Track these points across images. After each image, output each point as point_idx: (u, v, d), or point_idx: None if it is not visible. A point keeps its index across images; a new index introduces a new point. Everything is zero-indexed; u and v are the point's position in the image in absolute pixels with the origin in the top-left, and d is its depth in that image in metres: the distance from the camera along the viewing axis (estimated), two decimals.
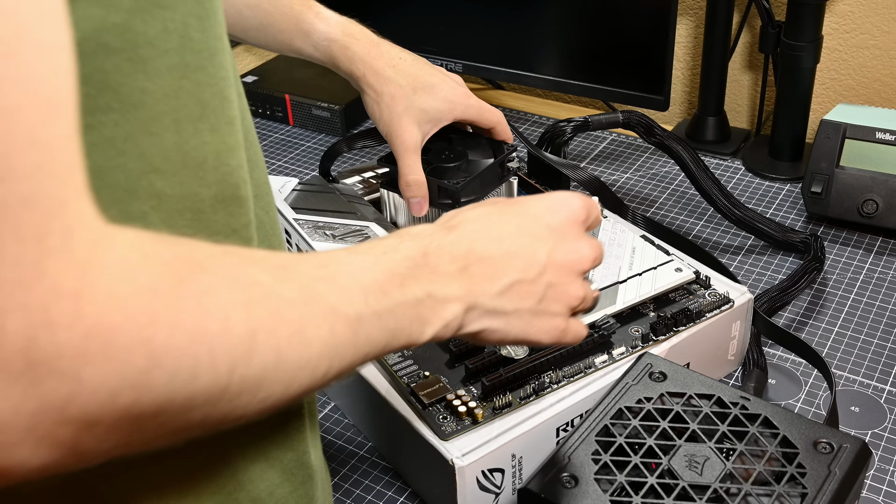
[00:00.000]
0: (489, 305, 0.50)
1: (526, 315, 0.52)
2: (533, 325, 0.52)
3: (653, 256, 0.79)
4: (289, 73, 1.34)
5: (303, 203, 0.87)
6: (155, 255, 0.34)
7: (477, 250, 0.50)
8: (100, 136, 0.38)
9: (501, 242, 0.51)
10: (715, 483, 0.54)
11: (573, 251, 0.53)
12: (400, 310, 0.45)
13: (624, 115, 0.91)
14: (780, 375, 0.81)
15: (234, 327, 0.36)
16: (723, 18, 1.10)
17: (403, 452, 0.72)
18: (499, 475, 0.65)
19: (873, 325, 0.86)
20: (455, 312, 0.48)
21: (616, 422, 0.60)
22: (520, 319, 0.51)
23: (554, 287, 0.52)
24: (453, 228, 0.50)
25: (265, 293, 0.38)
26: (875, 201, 0.94)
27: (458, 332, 0.49)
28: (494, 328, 0.51)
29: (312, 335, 0.40)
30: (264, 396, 0.38)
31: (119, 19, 0.37)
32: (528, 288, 0.51)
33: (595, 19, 1.09)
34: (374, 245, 0.47)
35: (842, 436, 0.58)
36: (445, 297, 0.47)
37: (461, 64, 1.20)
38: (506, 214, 0.53)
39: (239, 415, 0.38)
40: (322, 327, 0.40)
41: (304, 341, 0.39)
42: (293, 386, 0.39)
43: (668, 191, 1.09)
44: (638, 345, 0.72)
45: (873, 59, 1.12)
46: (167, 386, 0.33)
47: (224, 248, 0.39)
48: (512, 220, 0.53)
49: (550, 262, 0.52)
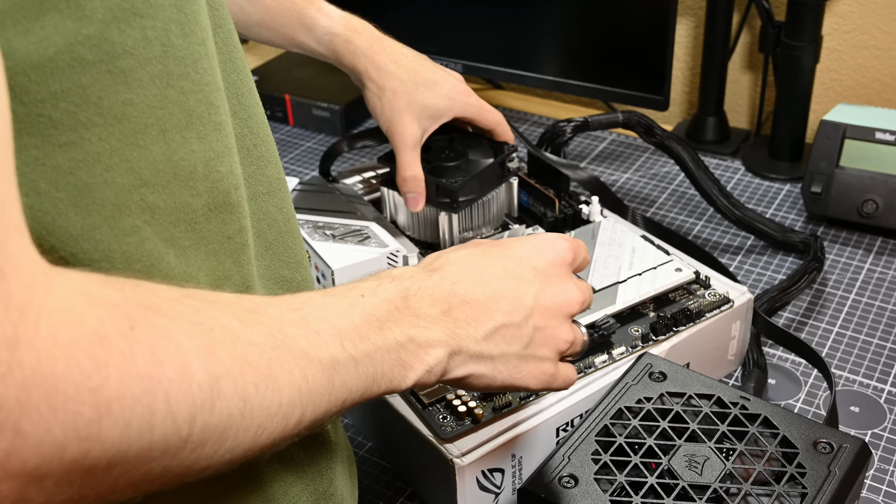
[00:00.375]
0: (474, 350, 0.48)
1: (513, 360, 0.50)
2: (520, 369, 0.51)
3: (653, 256, 0.79)
4: (289, 73, 1.34)
5: (303, 203, 0.87)
6: (103, 298, 0.32)
7: (460, 293, 0.48)
8: (83, 152, 0.37)
9: (486, 285, 0.49)
10: (715, 483, 0.54)
11: (560, 294, 0.52)
12: (379, 354, 0.43)
13: (624, 115, 0.91)
14: (780, 375, 0.81)
15: (194, 373, 0.34)
16: (723, 18, 1.10)
17: (403, 452, 0.72)
18: (499, 475, 0.65)
19: (873, 325, 0.86)
20: (438, 357, 0.46)
21: (616, 422, 0.60)
22: (506, 364, 0.50)
23: (541, 331, 0.51)
24: (435, 271, 0.49)
25: (230, 337, 0.36)
26: (875, 201, 0.94)
27: (442, 377, 0.48)
28: (481, 373, 0.49)
29: (283, 381, 0.38)
30: (231, 446, 0.36)
31: (93, 31, 0.36)
32: (515, 332, 0.50)
33: (595, 19, 1.09)
34: (351, 287, 0.45)
35: (842, 436, 0.58)
36: (428, 341, 0.46)
37: (461, 64, 1.20)
38: (490, 256, 0.51)
39: (203, 465, 0.36)
40: (294, 373, 0.39)
41: (273, 388, 0.37)
42: (263, 435, 0.38)
43: (668, 191, 1.09)
44: (638, 345, 0.72)
45: (873, 59, 1.12)
46: (120, 437, 0.31)
47: (185, 291, 0.37)
48: (497, 261, 0.51)
49: (537, 305, 0.51)
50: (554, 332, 0.52)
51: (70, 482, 0.31)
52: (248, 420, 0.36)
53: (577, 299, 0.53)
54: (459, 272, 0.49)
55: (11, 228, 0.30)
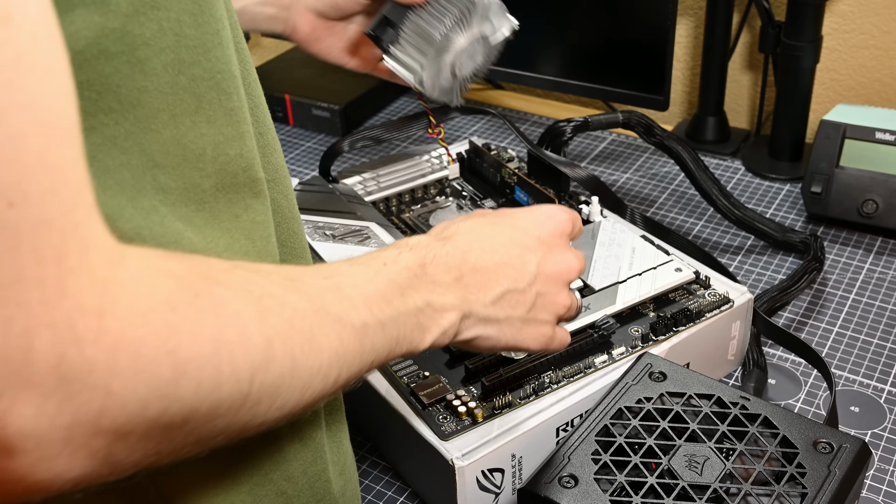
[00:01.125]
0: (483, 314, 0.52)
1: (517, 323, 0.54)
2: (523, 332, 0.54)
3: (652, 256, 0.79)
4: (289, 73, 1.34)
5: (303, 203, 0.87)
6: (168, 270, 0.35)
7: (470, 261, 0.52)
8: (102, 136, 0.39)
9: (494, 253, 0.53)
10: (715, 483, 0.54)
11: (560, 262, 0.56)
12: (402, 318, 0.47)
13: (624, 115, 0.91)
14: (780, 375, 0.81)
15: (252, 336, 0.37)
16: (723, 18, 1.10)
17: (403, 452, 0.72)
18: (499, 475, 0.65)
19: (873, 325, 0.86)
20: (452, 320, 0.50)
21: (616, 422, 0.60)
22: (511, 327, 0.54)
23: (543, 296, 0.55)
24: (447, 239, 0.52)
25: (277, 303, 0.40)
26: (875, 201, 0.94)
27: (454, 339, 0.52)
28: (487, 335, 0.53)
29: (323, 343, 0.41)
30: (281, 403, 0.40)
31: (118, 24, 0.38)
32: (519, 297, 0.53)
33: (595, 19, 1.09)
34: (374, 256, 0.49)
35: (842, 436, 0.58)
36: (443, 305, 0.49)
37: None
38: (497, 226, 0.55)
39: (259, 422, 0.39)
40: (331, 336, 0.42)
41: (315, 349, 0.41)
42: (307, 393, 0.41)
43: (668, 191, 1.09)
44: (638, 345, 0.72)
45: (873, 59, 1.12)
46: (193, 395, 0.34)
47: (233, 263, 0.40)
48: (503, 231, 0.54)
49: (540, 272, 0.54)
50: (554, 298, 0.55)
51: (150, 438, 0.34)
52: (296, 379, 0.40)
53: (576, 267, 0.57)
54: (469, 241, 0.53)
55: (91, 209, 0.32)
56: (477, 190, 0.95)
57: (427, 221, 0.90)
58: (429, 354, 0.72)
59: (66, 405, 0.31)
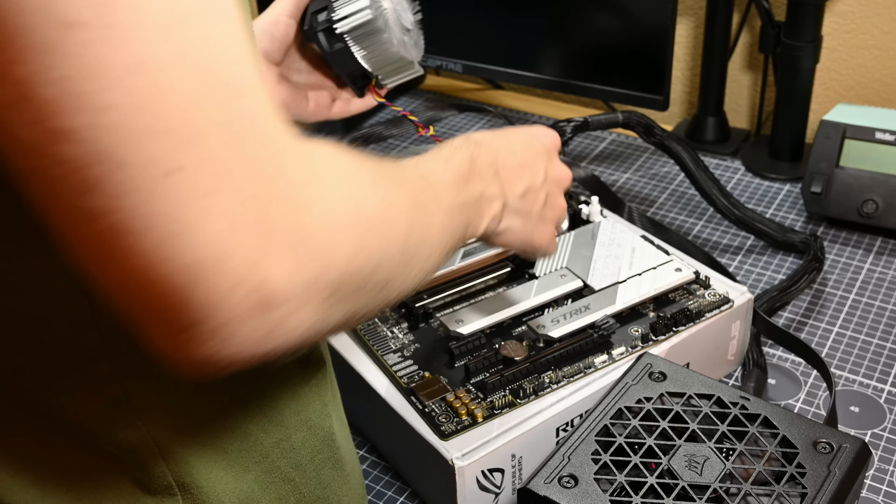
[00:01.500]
0: (515, 205, 0.59)
1: (534, 219, 0.61)
2: (538, 228, 0.62)
3: (652, 256, 0.79)
4: None
5: None
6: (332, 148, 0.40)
7: (501, 160, 0.58)
8: None
9: (516, 154, 0.60)
10: (715, 483, 0.54)
11: (559, 168, 0.65)
12: (470, 203, 0.53)
13: (624, 115, 0.91)
14: (780, 375, 0.81)
15: (400, 204, 0.43)
16: (723, 18, 1.10)
17: (403, 452, 0.72)
18: (499, 475, 0.65)
19: (873, 325, 0.86)
20: (497, 208, 0.57)
21: (616, 422, 0.59)
22: (530, 221, 0.61)
23: (550, 196, 0.63)
24: (479, 143, 0.58)
25: (404, 180, 0.46)
26: (875, 201, 0.94)
27: (497, 226, 0.58)
28: (515, 227, 0.60)
29: (434, 219, 0.47)
30: (418, 269, 0.45)
31: None
32: (536, 195, 0.61)
33: (595, 19, 1.09)
34: (435, 154, 0.54)
35: (841, 436, 0.58)
36: (492, 195, 0.56)
37: (461, 64, 1.20)
38: (509, 135, 0.62)
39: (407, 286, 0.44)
40: (436, 212, 0.48)
41: (430, 222, 0.47)
42: (428, 265, 0.46)
43: (668, 191, 1.09)
44: (638, 345, 0.72)
45: (873, 59, 1.12)
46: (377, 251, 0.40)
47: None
48: (516, 137, 0.62)
49: (548, 175, 0.62)
50: (556, 199, 0.64)
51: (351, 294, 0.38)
52: (426, 247, 0.46)
53: (570, 175, 0.66)
54: (496, 144, 0.59)
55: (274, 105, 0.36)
56: None
57: None
58: (429, 354, 0.72)
59: (302, 265, 0.35)
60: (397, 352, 0.73)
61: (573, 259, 0.80)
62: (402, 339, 0.74)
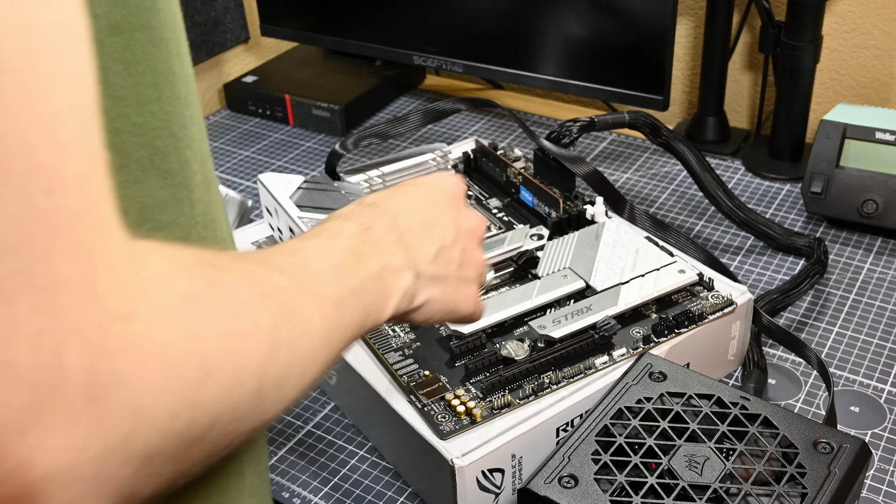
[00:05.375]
0: (429, 272, 0.51)
1: (454, 282, 0.54)
2: (459, 292, 0.54)
3: (656, 258, 0.79)
4: (289, 73, 1.34)
5: (307, 201, 0.87)
6: (180, 260, 0.33)
7: (403, 221, 0.51)
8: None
9: (419, 213, 0.53)
10: (715, 483, 0.54)
11: (471, 218, 0.57)
12: (367, 285, 0.46)
13: (630, 115, 0.91)
14: (780, 375, 0.81)
15: (261, 324, 0.35)
16: (723, 18, 1.10)
17: (403, 452, 0.72)
18: (499, 475, 0.65)
19: (873, 325, 0.86)
20: (408, 280, 0.49)
21: (616, 422, 0.60)
22: (449, 286, 0.53)
23: (465, 253, 0.55)
24: (374, 206, 0.52)
25: (271, 286, 0.37)
26: (875, 201, 0.94)
27: (411, 303, 0.50)
28: (435, 297, 0.52)
29: (312, 324, 0.39)
30: (285, 395, 0.37)
31: None
32: (450, 254, 0.53)
33: (595, 19, 1.09)
34: (320, 230, 0.48)
35: (842, 436, 0.58)
36: (397, 265, 0.49)
37: (461, 64, 1.20)
38: (409, 190, 0.55)
39: (263, 421, 0.36)
40: (316, 315, 0.40)
41: (307, 330, 0.39)
42: (305, 379, 0.39)
43: (668, 190, 1.09)
44: (639, 346, 0.72)
45: (873, 59, 1.12)
46: (217, 399, 0.32)
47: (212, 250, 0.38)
48: (416, 191, 0.55)
49: (458, 228, 0.55)
50: (473, 255, 0.56)
51: (174, 457, 0.31)
52: (297, 365, 0.38)
53: (483, 224, 0.58)
54: (394, 205, 0.52)
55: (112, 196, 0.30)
56: (483, 189, 0.95)
57: None
58: (429, 353, 0.72)
59: (96, 431, 0.27)
60: (398, 350, 0.73)
61: (576, 259, 0.80)
62: (404, 337, 0.74)
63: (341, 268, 0.44)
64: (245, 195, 1.10)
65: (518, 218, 0.89)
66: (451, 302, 0.54)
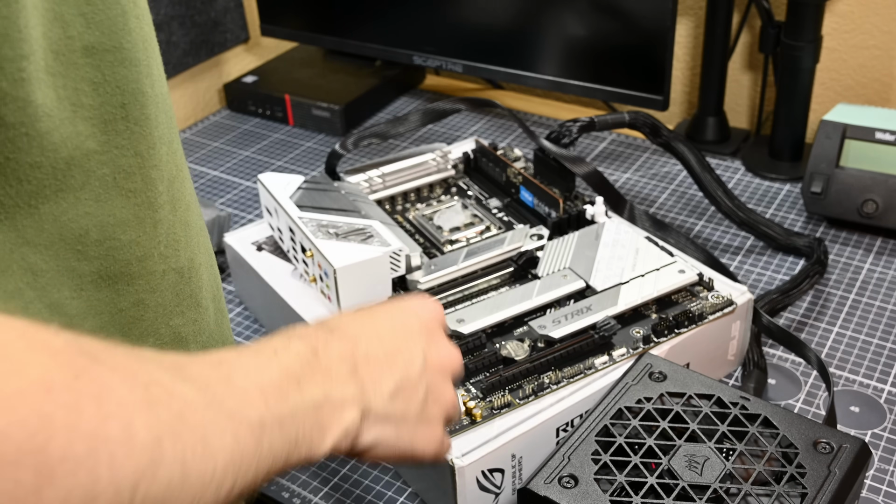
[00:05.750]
0: (382, 410, 0.46)
1: (412, 422, 0.48)
2: (418, 433, 0.48)
3: (656, 258, 0.79)
4: (289, 73, 1.34)
5: (307, 201, 0.87)
6: (44, 342, 0.29)
7: (362, 349, 0.46)
8: None
9: (382, 341, 0.48)
10: (715, 483, 0.54)
11: (443, 348, 0.51)
12: (300, 414, 0.40)
13: (630, 115, 0.91)
14: (779, 375, 0.81)
15: (138, 432, 0.30)
16: (723, 18, 1.10)
17: None
18: (499, 475, 0.65)
19: (873, 325, 0.86)
20: (353, 418, 0.44)
21: (616, 422, 0.60)
22: (407, 427, 0.48)
23: (432, 390, 0.49)
24: (334, 330, 0.47)
25: (166, 393, 0.33)
26: (875, 201, 0.94)
27: (353, 443, 0.45)
28: (385, 438, 0.46)
29: (217, 444, 0.34)
30: None
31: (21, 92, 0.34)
32: (412, 391, 0.48)
33: (595, 19, 1.09)
34: (262, 345, 0.43)
35: (842, 436, 0.58)
36: (342, 399, 0.43)
37: (461, 64, 1.20)
38: (377, 314, 0.50)
39: None
40: (225, 435, 0.35)
41: (209, 452, 0.34)
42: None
43: (668, 190, 1.09)
44: (639, 346, 0.72)
45: (873, 59, 1.12)
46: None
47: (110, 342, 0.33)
48: (385, 315, 0.50)
49: (427, 359, 0.49)
50: (442, 393, 0.50)
51: None
52: (186, 490, 0.32)
53: (458, 359, 0.52)
54: (356, 329, 0.48)
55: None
56: (482, 189, 0.95)
57: (431, 220, 0.90)
58: None
59: None
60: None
61: (576, 259, 0.80)
62: None
63: (272, 390, 0.39)
64: (221, 206, 1.10)
65: (518, 218, 0.90)
66: (406, 444, 0.48)
